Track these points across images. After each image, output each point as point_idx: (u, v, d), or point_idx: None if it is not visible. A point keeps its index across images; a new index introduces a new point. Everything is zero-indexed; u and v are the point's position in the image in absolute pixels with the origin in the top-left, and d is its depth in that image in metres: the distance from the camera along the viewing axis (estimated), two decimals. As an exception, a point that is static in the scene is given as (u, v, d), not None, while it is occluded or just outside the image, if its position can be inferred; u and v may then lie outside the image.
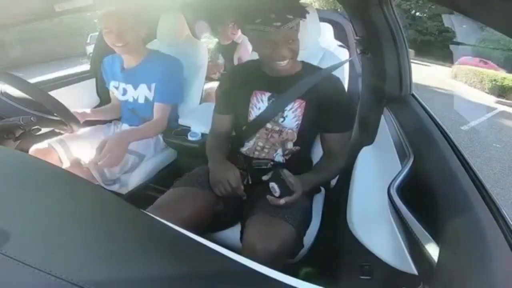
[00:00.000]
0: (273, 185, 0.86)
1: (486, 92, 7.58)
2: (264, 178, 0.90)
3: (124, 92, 1.43)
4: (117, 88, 1.45)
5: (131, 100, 1.43)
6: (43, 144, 1.23)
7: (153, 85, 1.39)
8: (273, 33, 0.88)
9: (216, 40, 2.43)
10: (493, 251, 0.42)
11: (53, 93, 1.24)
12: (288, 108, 1.01)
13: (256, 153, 1.07)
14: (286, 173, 0.86)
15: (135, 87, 1.41)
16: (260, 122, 1.03)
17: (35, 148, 1.22)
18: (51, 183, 0.49)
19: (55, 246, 0.37)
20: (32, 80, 1.55)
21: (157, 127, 1.41)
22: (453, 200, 0.53)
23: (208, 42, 2.42)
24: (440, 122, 0.82)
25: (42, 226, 0.39)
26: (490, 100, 7.03)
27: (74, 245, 0.37)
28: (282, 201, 0.84)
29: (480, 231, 0.45)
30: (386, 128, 0.96)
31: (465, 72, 8.50)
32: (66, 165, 1.21)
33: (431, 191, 0.58)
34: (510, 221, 0.46)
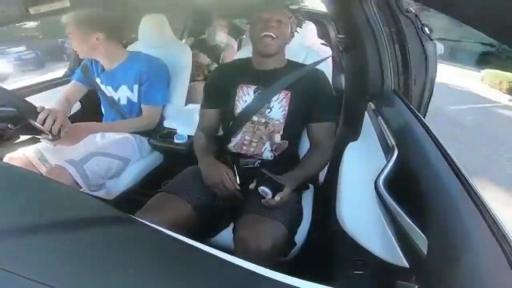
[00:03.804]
0: (262, 189, 0.86)
1: (503, 92, 8.25)
2: (251, 187, 0.90)
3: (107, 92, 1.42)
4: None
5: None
6: (17, 153, 1.19)
7: (135, 86, 1.38)
8: (267, 11, 1.00)
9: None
10: (475, 239, 0.44)
11: (33, 98, 1.20)
12: (274, 99, 1.03)
13: (244, 148, 1.07)
14: (269, 172, 0.87)
15: (115, 89, 1.39)
16: (247, 114, 1.05)
17: (9, 157, 1.17)
18: (31, 190, 0.47)
19: (36, 256, 0.35)
20: (11, 86, 1.49)
21: (143, 123, 1.40)
22: (436, 192, 0.55)
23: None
24: (421, 116, 0.84)
25: (23, 236, 0.38)
26: (504, 99, 7.68)
27: (58, 255, 0.36)
28: (276, 198, 0.84)
29: (462, 220, 0.47)
30: (370, 124, 0.97)
31: (489, 75, 9.31)
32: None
33: (416, 183, 0.59)
34: (491, 209, 0.48)
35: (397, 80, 1.07)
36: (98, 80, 1.41)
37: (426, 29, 1.08)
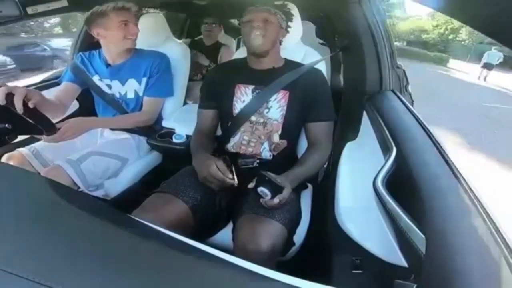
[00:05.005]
0: (261, 189, 0.85)
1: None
2: (250, 186, 0.89)
3: (109, 88, 1.41)
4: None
5: (117, 95, 1.41)
6: (15, 153, 1.18)
7: (143, 79, 1.39)
8: (253, 11, 1.03)
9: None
10: (474, 238, 0.44)
11: None
12: (272, 99, 1.04)
13: (243, 147, 1.07)
14: (269, 173, 0.86)
15: (123, 83, 1.39)
16: (245, 114, 1.05)
17: (6, 157, 1.17)
18: (29, 191, 0.47)
19: (34, 256, 0.35)
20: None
21: (144, 117, 1.40)
22: (434, 191, 0.55)
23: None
24: (419, 116, 0.84)
25: (20, 235, 0.37)
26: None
27: (54, 255, 0.36)
28: (276, 200, 0.83)
29: (460, 219, 0.47)
30: (369, 123, 0.98)
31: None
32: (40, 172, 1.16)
33: (414, 182, 0.60)
34: (489, 208, 0.48)
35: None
36: (96, 78, 1.40)
37: (409, 88, 1.16)
